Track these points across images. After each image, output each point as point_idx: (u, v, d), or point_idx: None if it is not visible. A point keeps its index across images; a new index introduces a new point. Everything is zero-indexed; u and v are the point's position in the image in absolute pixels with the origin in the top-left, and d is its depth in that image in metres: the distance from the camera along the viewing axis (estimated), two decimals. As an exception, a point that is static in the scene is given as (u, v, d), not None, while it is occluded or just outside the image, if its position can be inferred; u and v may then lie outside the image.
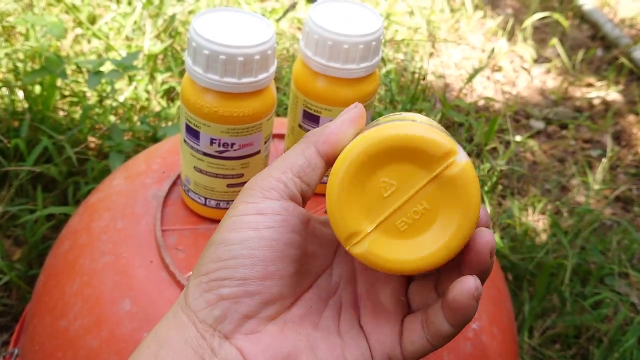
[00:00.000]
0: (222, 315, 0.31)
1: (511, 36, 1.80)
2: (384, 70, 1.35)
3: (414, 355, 0.33)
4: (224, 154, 0.49)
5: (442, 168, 0.31)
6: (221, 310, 0.31)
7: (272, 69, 0.47)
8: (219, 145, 0.48)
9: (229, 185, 0.52)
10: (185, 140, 0.50)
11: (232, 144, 0.48)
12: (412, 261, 0.31)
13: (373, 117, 0.62)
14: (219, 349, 0.31)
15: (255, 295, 0.31)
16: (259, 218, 0.32)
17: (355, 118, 0.34)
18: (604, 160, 1.30)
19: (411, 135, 0.31)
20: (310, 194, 0.34)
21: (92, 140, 1.03)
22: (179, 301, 0.33)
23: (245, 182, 0.37)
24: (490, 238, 0.32)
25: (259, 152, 0.51)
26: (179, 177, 0.59)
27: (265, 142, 0.51)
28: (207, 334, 0.31)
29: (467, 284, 0.30)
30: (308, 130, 0.53)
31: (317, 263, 0.35)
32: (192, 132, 0.49)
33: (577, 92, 1.62)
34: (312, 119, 0.52)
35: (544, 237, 1.08)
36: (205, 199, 0.53)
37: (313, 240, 0.35)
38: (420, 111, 1.29)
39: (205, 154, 0.49)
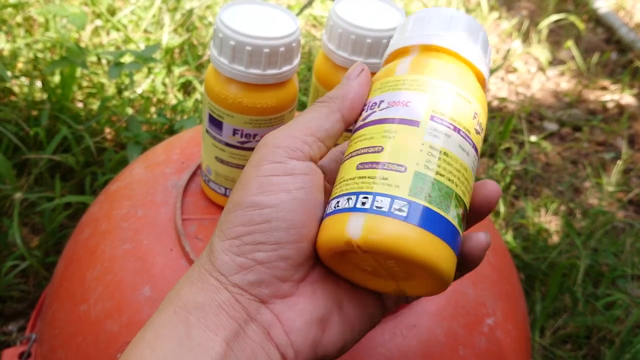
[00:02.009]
0: (258, 280, 0.31)
1: (526, 38, 1.79)
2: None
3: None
4: (246, 145, 0.50)
5: None
6: (256, 275, 0.31)
7: (296, 61, 0.48)
8: (242, 136, 0.49)
9: (249, 176, 0.52)
10: (207, 131, 0.51)
11: (255, 135, 0.49)
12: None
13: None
14: (255, 314, 0.31)
15: (289, 259, 0.31)
16: (288, 179, 0.31)
17: (367, 81, 0.35)
18: (619, 162, 1.30)
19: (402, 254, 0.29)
20: (325, 154, 0.34)
21: (109, 132, 1.04)
22: (203, 264, 0.32)
23: None
24: (493, 187, 0.33)
25: (280, 143, 0.51)
26: (198, 167, 0.60)
27: (286, 134, 0.52)
28: (243, 297, 0.30)
29: (480, 239, 0.32)
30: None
31: None
32: (215, 123, 0.49)
33: (591, 95, 1.61)
34: (333, 112, 0.53)
35: (556, 237, 1.08)
36: (226, 189, 0.54)
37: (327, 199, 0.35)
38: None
39: (227, 144, 0.50)
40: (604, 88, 1.65)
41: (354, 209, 0.30)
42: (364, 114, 0.34)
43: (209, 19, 1.35)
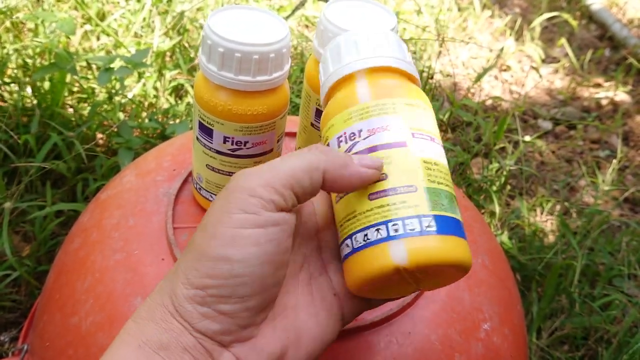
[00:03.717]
0: (221, 329, 0.31)
1: (519, 36, 1.79)
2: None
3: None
4: (237, 152, 0.49)
5: None
6: (220, 325, 0.31)
7: (287, 67, 0.47)
8: (232, 144, 0.48)
9: (241, 184, 0.51)
10: (198, 138, 0.50)
11: (246, 142, 0.48)
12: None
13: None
14: (218, 356, 0.31)
15: (253, 309, 0.32)
16: (260, 232, 0.31)
17: (368, 180, 0.33)
18: (614, 161, 1.30)
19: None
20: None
21: (101, 137, 1.03)
22: (166, 305, 0.32)
23: None
24: None
25: (271, 150, 0.51)
26: (189, 174, 0.59)
27: (278, 141, 0.51)
28: (207, 343, 0.31)
29: None
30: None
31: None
32: (206, 130, 0.49)
33: (585, 92, 1.61)
34: (325, 117, 0.52)
35: (552, 237, 1.08)
36: (217, 197, 0.53)
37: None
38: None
39: (218, 152, 0.49)
40: (598, 85, 1.64)
41: (389, 238, 0.32)
42: (345, 145, 0.35)
43: (200, 21, 1.34)
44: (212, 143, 0.49)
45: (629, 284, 0.99)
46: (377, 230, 0.32)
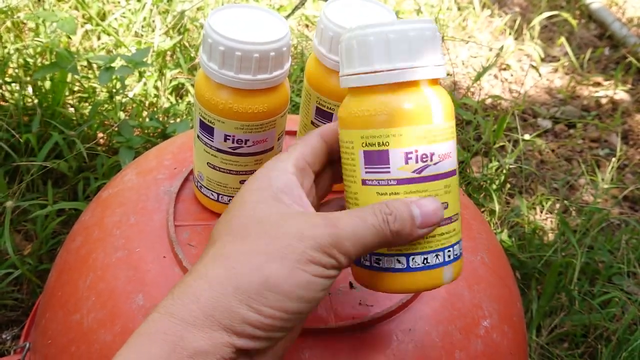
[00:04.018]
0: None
1: (519, 35, 1.79)
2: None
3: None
4: (238, 150, 0.49)
5: None
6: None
7: (287, 65, 0.47)
8: (233, 142, 0.49)
9: (242, 182, 0.52)
10: (198, 136, 0.50)
11: (246, 141, 0.49)
12: None
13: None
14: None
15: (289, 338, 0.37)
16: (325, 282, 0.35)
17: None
18: (614, 159, 1.30)
19: None
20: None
21: (102, 136, 1.03)
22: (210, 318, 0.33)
23: None
24: None
25: (272, 148, 0.51)
26: (190, 173, 0.59)
27: (278, 139, 0.51)
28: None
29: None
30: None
31: None
32: (206, 128, 0.49)
33: (585, 91, 1.61)
34: (325, 116, 0.53)
35: (552, 236, 1.08)
36: (218, 194, 0.53)
37: None
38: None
39: (219, 150, 0.49)
40: (598, 84, 1.65)
41: (444, 263, 0.38)
42: (414, 164, 0.36)
43: (200, 20, 1.34)
44: (213, 141, 0.49)
45: (628, 281, 0.99)
46: (437, 255, 0.37)
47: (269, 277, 0.32)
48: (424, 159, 0.35)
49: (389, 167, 0.36)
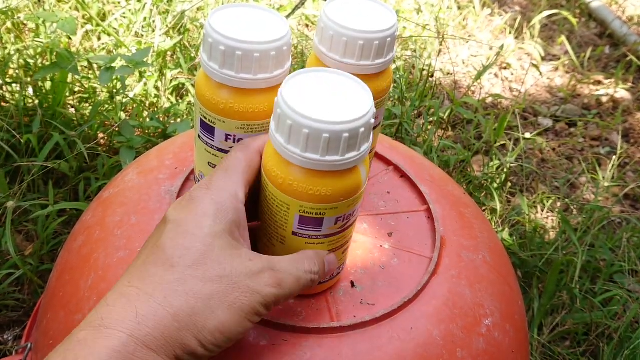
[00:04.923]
0: None
1: (519, 34, 1.79)
2: (392, 67, 1.35)
3: None
4: (239, 150, 0.49)
5: None
6: None
7: (288, 65, 0.47)
8: (234, 141, 0.49)
9: (243, 181, 0.52)
10: (199, 136, 0.50)
11: (247, 140, 0.48)
12: None
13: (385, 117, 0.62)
14: None
15: None
16: None
17: None
18: (615, 158, 1.30)
19: None
20: None
21: (102, 137, 1.03)
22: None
23: None
24: None
25: (273, 148, 0.51)
26: (191, 172, 0.59)
27: (279, 138, 0.51)
28: None
29: None
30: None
31: None
32: (207, 128, 0.49)
33: (586, 89, 1.61)
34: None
35: (553, 234, 1.08)
36: (219, 194, 0.53)
37: None
38: (429, 108, 1.29)
39: (220, 149, 0.49)
40: (598, 82, 1.65)
41: None
42: (341, 223, 0.44)
43: (200, 20, 1.34)
44: (213, 141, 0.49)
45: (629, 279, 0.99)
46: None
47: (223, 323, 0.38)
48: (348, 218, 0.43)
49: (320, 228, 0.43)
